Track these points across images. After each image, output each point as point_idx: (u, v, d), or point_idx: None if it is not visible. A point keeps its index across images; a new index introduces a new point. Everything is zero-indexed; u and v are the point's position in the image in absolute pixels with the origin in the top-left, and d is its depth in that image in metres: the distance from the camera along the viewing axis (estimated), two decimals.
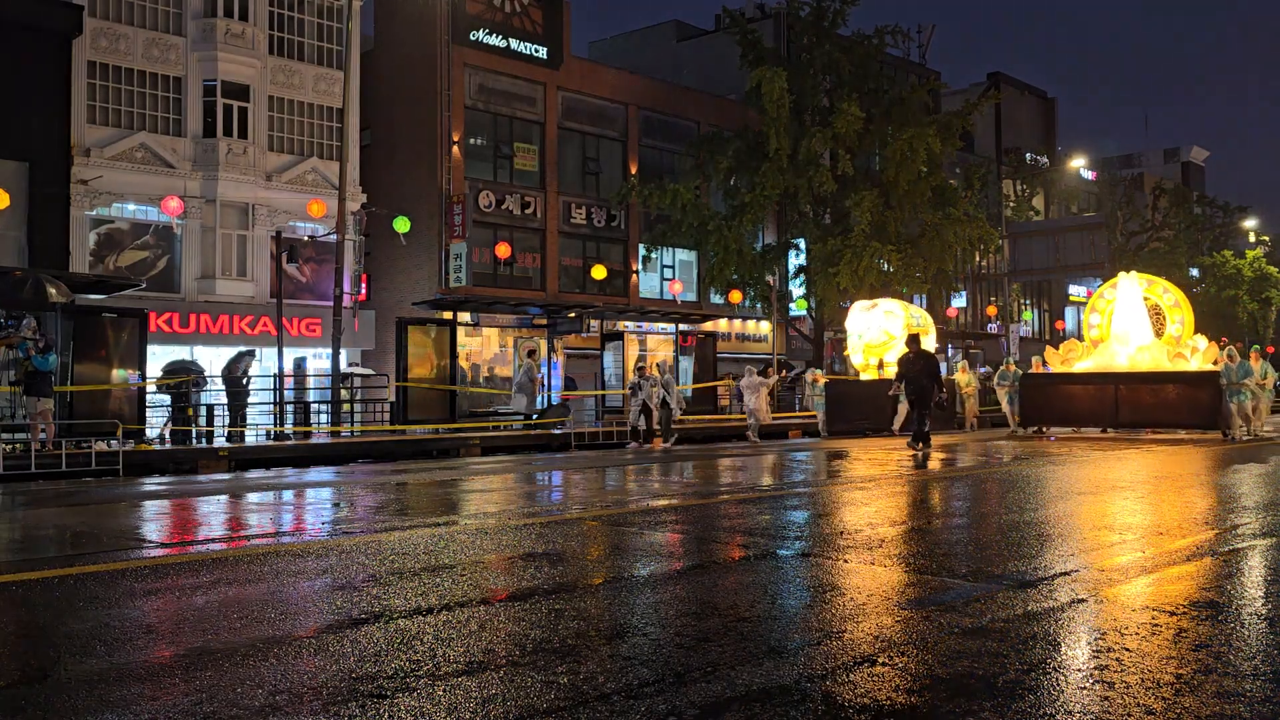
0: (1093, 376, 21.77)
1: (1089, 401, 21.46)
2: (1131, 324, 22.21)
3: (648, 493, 10.35)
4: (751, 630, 4.18)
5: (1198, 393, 19.90)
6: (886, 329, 23.88)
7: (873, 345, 23.81)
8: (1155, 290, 22.65)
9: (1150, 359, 21.46)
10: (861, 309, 24.71)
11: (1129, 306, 22.26)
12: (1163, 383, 20.64)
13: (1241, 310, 61.26)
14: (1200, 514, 8.17)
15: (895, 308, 24.62)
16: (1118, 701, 3.19)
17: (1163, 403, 20.39)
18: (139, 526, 8.40)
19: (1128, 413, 20.89)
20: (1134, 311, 22.17)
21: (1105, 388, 21.26)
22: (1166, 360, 21.25)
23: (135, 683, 3.57)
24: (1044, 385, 22.71)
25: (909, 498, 9.68)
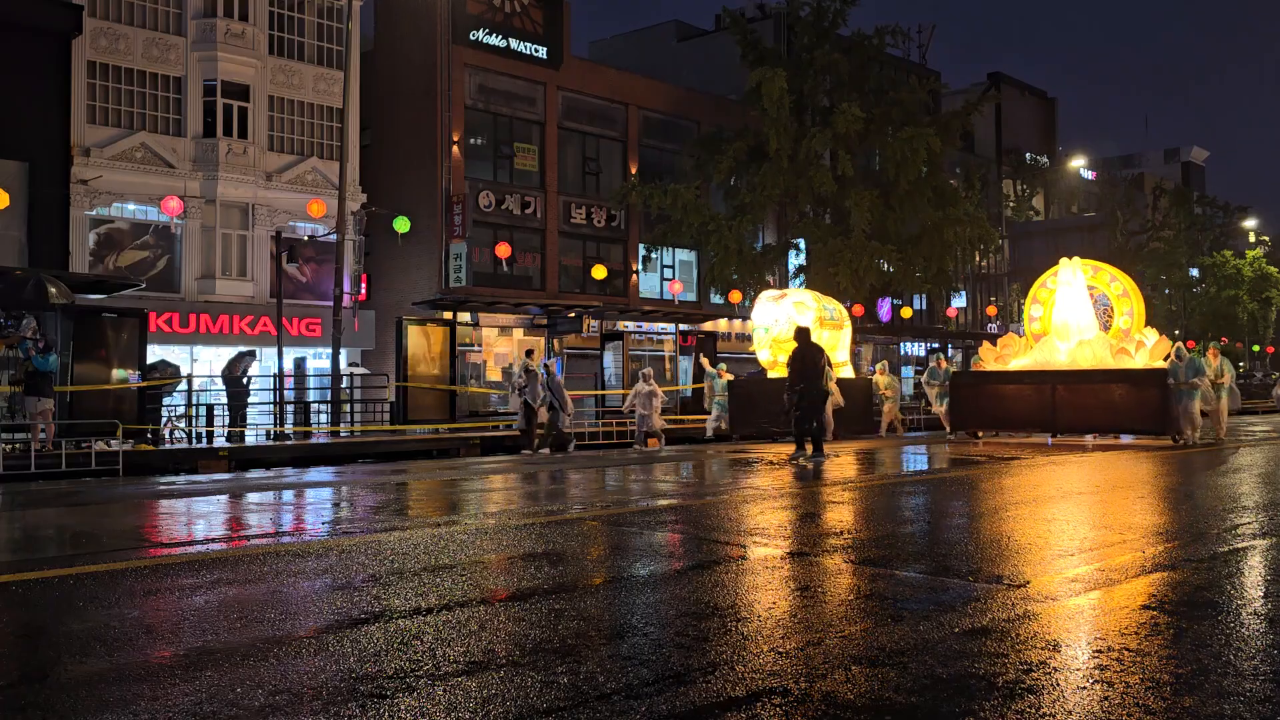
0: (1028, 375, 19.51)
1: (1025, 403, 19.20)
2: (1074, 316, 19.81)
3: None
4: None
5: (1144, 393, 17.71)
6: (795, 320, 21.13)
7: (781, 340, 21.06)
8: (1102, 279, 20.25)
9: (1092, 355, 19.21)
10: (768, 299, 22.13)
11: (1071, 296, 19.86)
12: (1105, 382, 18.41)
13: (1241, 310, 61.26)
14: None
15: (807, 299, 22.20)
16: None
17: (1106, 404, 18.17)
18: (139, 526, 8.40)
19: (1067, 415, 18.58)
20: (1077, 302, 19.79)
21: (1042, 387, 18.93)
22: (1110, 356, 19.02)
23: (135, 683, 3.57)
24: (975, 385, 20.46)
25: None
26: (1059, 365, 19.31)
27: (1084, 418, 18.49)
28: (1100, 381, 18.34)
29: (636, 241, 36.39)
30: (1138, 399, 17.72)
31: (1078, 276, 19.83)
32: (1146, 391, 17.66)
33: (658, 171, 36.35)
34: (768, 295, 22.29)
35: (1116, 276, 20.04)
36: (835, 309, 22.91)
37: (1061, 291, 20.08)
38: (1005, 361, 20.60)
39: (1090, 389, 18.36)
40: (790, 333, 20.14)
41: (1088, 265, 20.27)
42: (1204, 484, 10.55)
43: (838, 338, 21.99)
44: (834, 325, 21.99)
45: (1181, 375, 17.26)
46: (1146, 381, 17.81)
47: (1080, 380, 18.62)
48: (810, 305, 21.68)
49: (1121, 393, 17.96)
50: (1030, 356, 20.13)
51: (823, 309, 21.93)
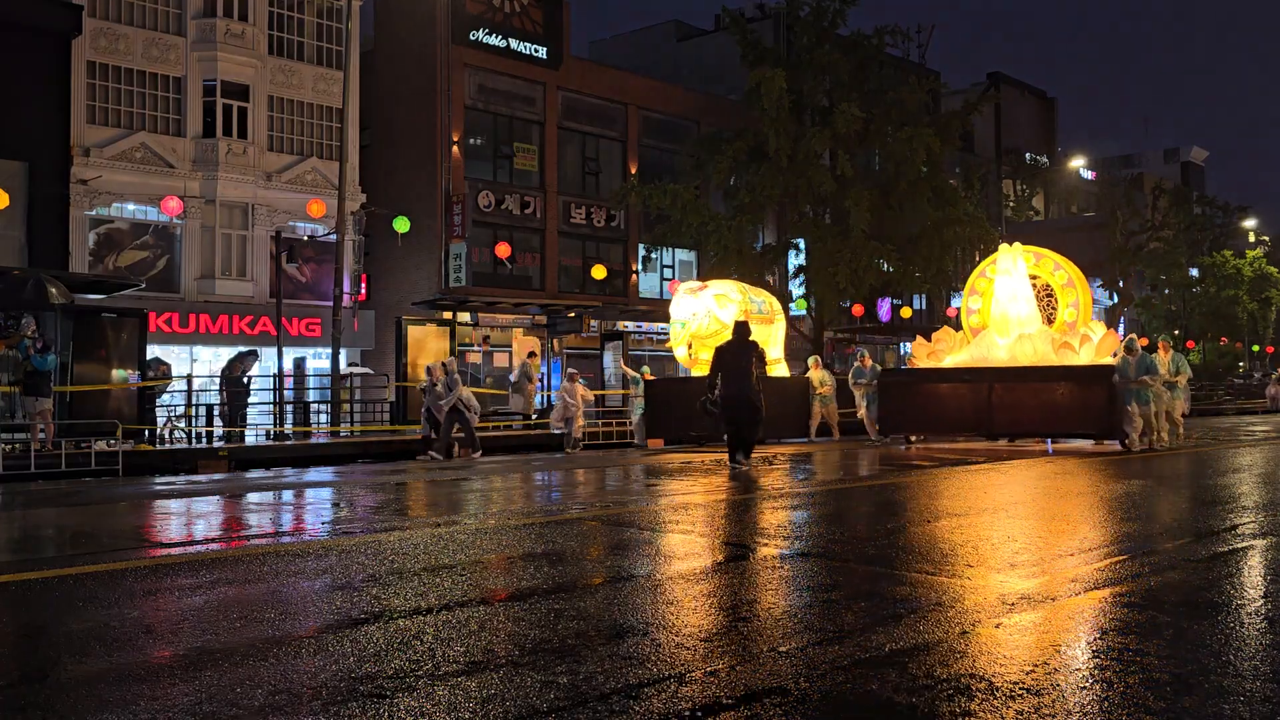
0: (962, 373, 17.65)
1: (960, 404, 17.40)
2: (1014, 307, 17.98)
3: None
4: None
5: (1088, 392, 15.90)
6: (717, 315, 19.31)
7: (700, 335, 19.30)
8: (1045, 267, 18.47)
9: (1033, 350, 17.32)
10: (686, 291, 20.21)
11: (1011, 286, 18.04)
12: (1045, 380, 16.62)
13: (1241, 310, 61.29)
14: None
15: (730, 290, 20.28)
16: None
17: (1048, 405, 16.38)
18: (139, 526, 8.40)
19: (1005, 417, 16.88)
20: (1017, 292, 17.99)
21: (978, 387, 17.10)
22: (1052, 352, 17.17)
23: (135, 683, 3.56)
24: (906, 385, 18.60)
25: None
26: (998, 362, 17.51)
27: (1023, 420, 16.83)
28: (1040, 380, 16.59)
29: (636, 241, 36.41)
30: (1082, 399, 15.94)
31: (1018, 265, 18.07)
32: (1091, 391, 15.88)
33: (658, 171, 36.36)
34: (686, 287, 20.41)
35: (1061, 264, 18.36)
36: (766, 301, 21.21)
37: (1000, 281, 18.19)
38: (939, 358, 18.62)
39: (1030, 388, 16.62)
40: (710, 328, 18.98)
41: (1030, 252, 18.62)
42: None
43: (768, 333, 20.43)
44: (763, 319, 20.36)
45: (1131, 372, 15.38)
46: (1091, 379, 16.04)
47: (1018, 378, 16.88)
48: (734, 298, 19.87)
49: (1064, 392, 16.17)
50: (967, 352, 18.25)
51: (749, 301, 20.20)
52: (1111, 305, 55.26)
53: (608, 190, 35.21)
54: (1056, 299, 18.21)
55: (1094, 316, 20.49)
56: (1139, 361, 15.45)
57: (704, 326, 19.20)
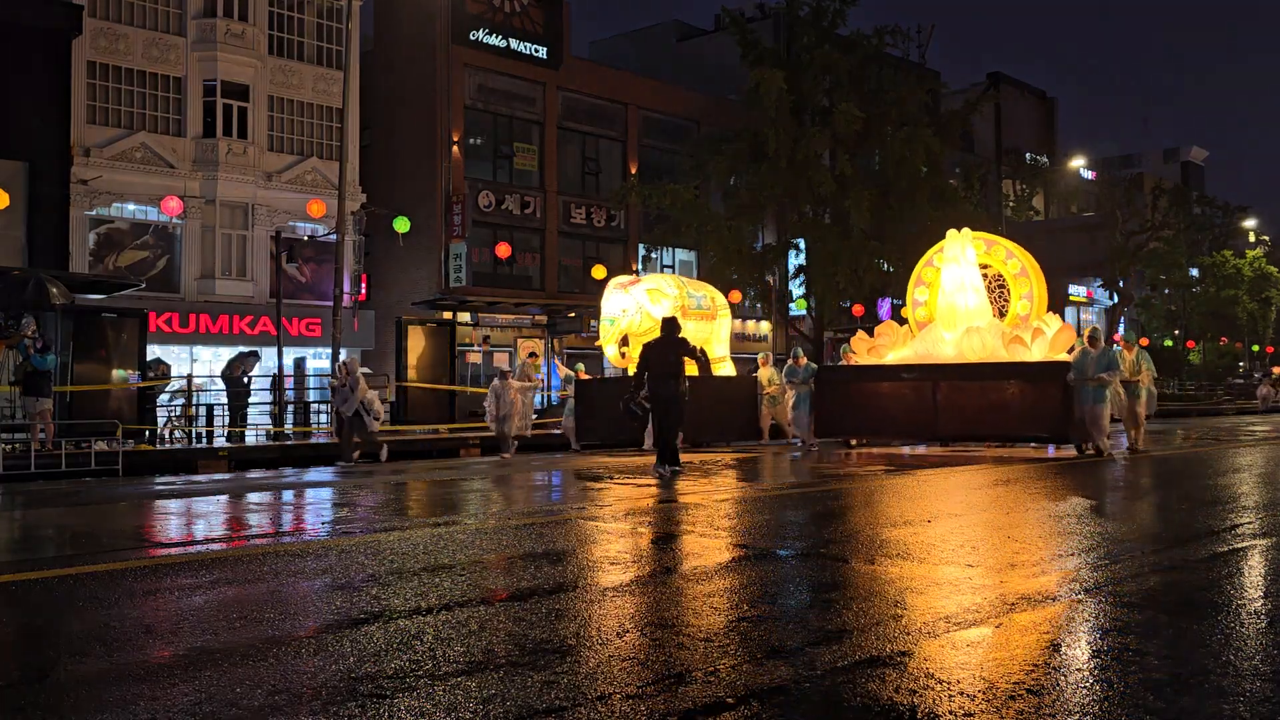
0: (905, 370, 16.26)
1: (902, 405, 15.98)
2: (961, 298, 16.53)
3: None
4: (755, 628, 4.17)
5: (1041, 391, 14.57)
6: (649, 311, 17.87)
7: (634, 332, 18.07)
8: (996, 255, 17.04)
9: (982, 345, 15.76)
10: (616, 286, 18.72)
11: (959, 276, 16.59)
12: (995, 378, 15.16)
13: (1241, 310, 61.30)
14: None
15: (665, 285, 18.95)
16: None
17: (997, 406, 14.96)
18: (139, 526, 8.40)
19: (952, 419, 15.45)
20: (966, 282, 16.55)
21: (921, 385, 15.72)
22: (1003, 347, 15.64)
23: (135, 683, 3.57)
24: (843, 384, 17.01)
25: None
26: (944, 358, 16.09)
27: (971, 422, 15.40)
28: (989, 377, 15.20)
29: (636, 241, 36.42)
30: (1034, 399, 14.62)
31: (967, 252, 16.64)
32: (1044, 390, 14.55)
33: (657, 171, 36.37)
34: (616, 281, 19.06)
35: (1014, 252, 17.01)
36: (707, 296, 19.82)
37: (948, 271, 16.74)
38: (881, 354, 17.26)
39: (978, 387, 15.23)
40: (643, 324, 17.70)
41: (980, 239, 17.24)
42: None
43: (710, 329, 19.38)
44: (703, 315, 19.13)
45: (1089, 370, 13.76)
46: (1040, 377, 14.71)
47: (965, 376, 15.46)
48: (669, 292, 18.57)
49: (1015, 391, 14.86)
50: (911, 348, 16.83)
51: (687, 297, 18.87)
52: (1111, 305, 55.27)
53: (608, 190, 35.22)
54: (1009, 290, 16.86)
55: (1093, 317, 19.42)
56: (1099, 356, 13.81)
57: (636, 323, 17.80)
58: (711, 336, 19.21)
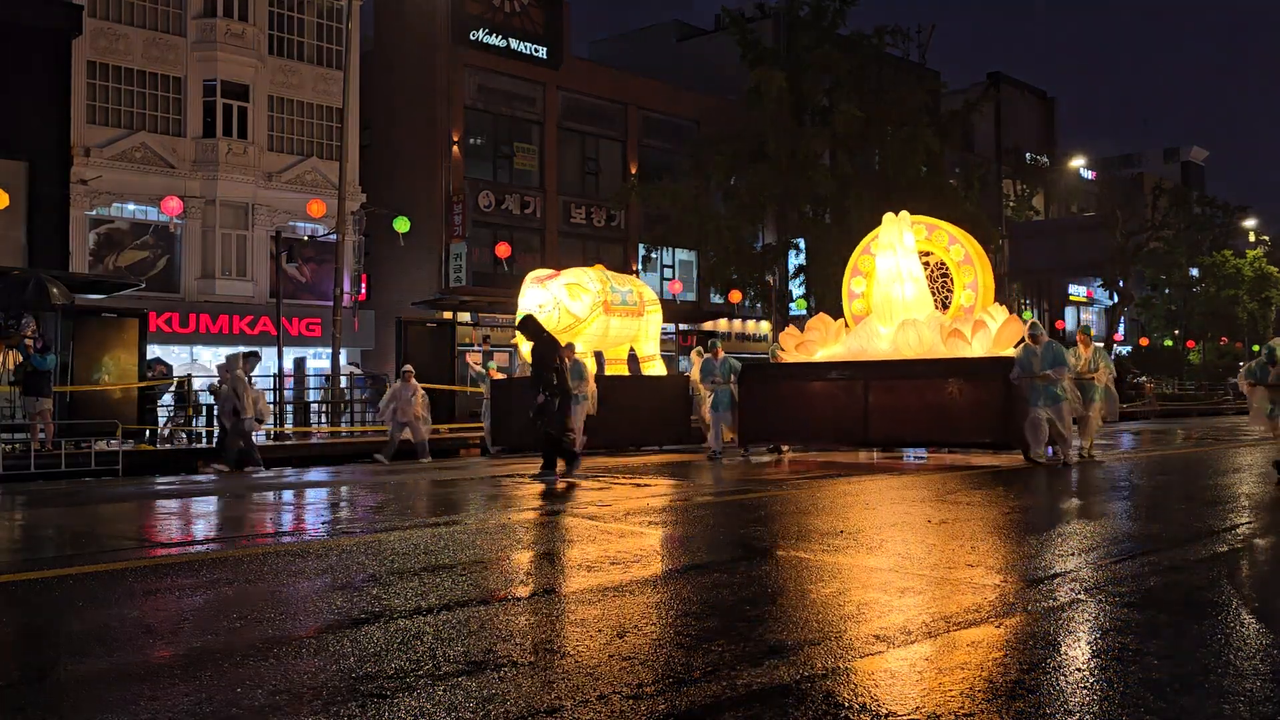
0: (833, 368, 14.69)
1: (831, 407, 14.38)
2: (897, 289, 14.97)
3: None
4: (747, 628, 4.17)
5: (981, 391, 13.06)
6: (568, 307, 16.65)
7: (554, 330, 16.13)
8: (939, 241, 15.57)
9: (918, 340, 14.20)
10: (533, 281, 17.23)
11: (895, 264, 15.06)
12: (930, 376, 13.62)
13: (1241, 310, 61.30)
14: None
15: (586, 279, 17.36)
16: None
17: (934, 407, 13.42)
18: (139, 526, 8.40)
19: (884, 423, 13.89)
20: (903, 271, 15.05)
21: (851, 385, 14.16)
22: (940, 341, 14.05)
23: (135, 683, 3.56)
24: (768, 383, 15.43)
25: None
26: (879, 354, 14.57)
27: (906, 426, 13.87)
28: (924, 376, 13.68)
29: (636, 241, 36.41)
30: (974, 400, 13.11)
31: (904, 238, 15.19)
32: (984, 390, 13.05)
33: (658, 171, 36.37)
34: (533, 275, 17.55)
35: (957, 238, 15.59)
36: (634, 291, 18.34)
37: (882, 259, 15.28)
38: (809, 350, 15.64)
39: (912, 386, 13.72)
40: (563, 321, 16.46)
41: (921, 224, 15.77)
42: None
43: (637, 327, 18.10)
44: (629, 311, 17.76)
45: (1035, 366, 12.41)
46: (983, 375, 13.19)
47: (898, 374, 13.95)
48: (590, 287, 17.13)
49: (954, 391, 13.35)
50: (844, 344, 15.32)
51: (610, 291, 17.44)
52: (1112, 305, 55.27)
53: (608, 190, 35.21)
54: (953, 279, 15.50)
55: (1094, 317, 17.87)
56: (1045, 351, 12.44)
57: (554, 320, 16.43)
58: (639, 334, 18.18)
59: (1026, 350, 12.62)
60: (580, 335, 16.74)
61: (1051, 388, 12.40)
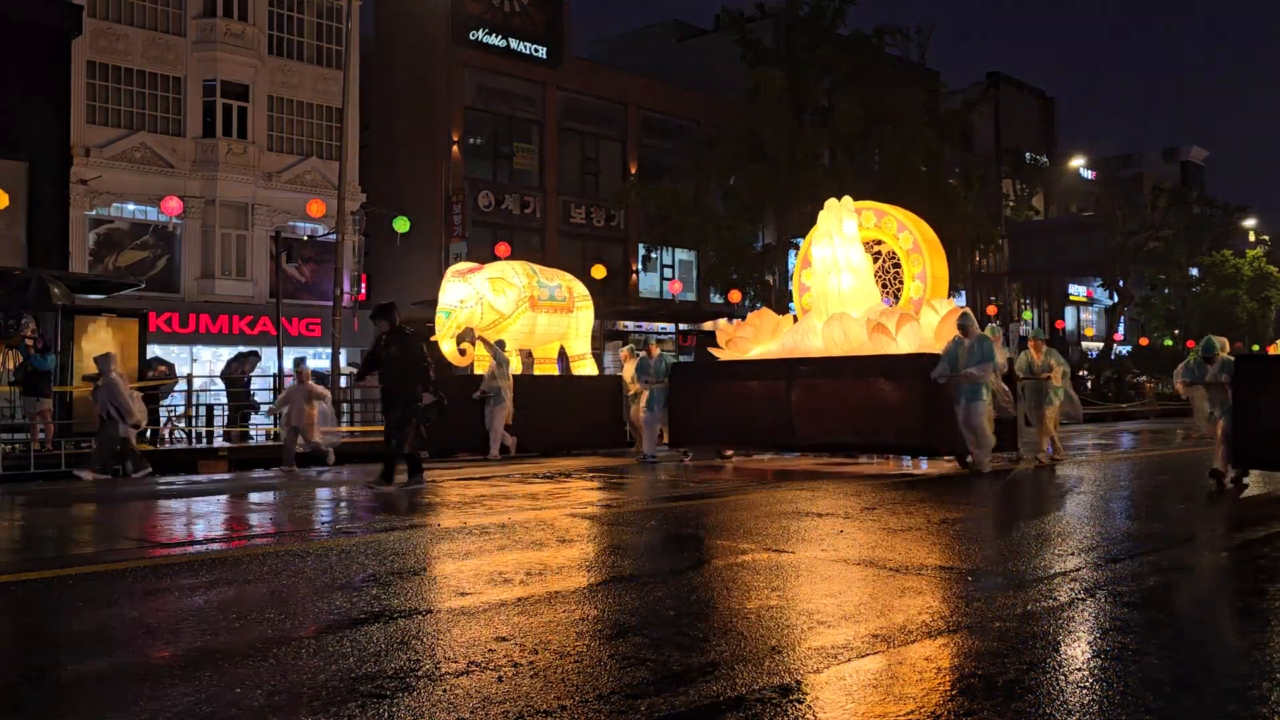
0: (758, 367, 13.81)
1: (758, 408, 13.38)
2: (834, 281, 13.91)
3: None
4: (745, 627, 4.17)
5: (904, 392, 12.11)
6: (491, 303, 15.73)
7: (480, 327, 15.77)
8: (888, 228, 14.54)
9: (844, 336, 13.13)
10: (454, 275, 16.13)
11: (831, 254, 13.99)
12: (852, 375, 12.66)
13: (1241, 310, 61.30)
14: None
15: (511, 273, 16.33)
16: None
17: (859, 409, 12.43)
18: (139, 526, 8.40)
19: (809, 426, 12.90)
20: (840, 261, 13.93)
21: (775, 385, 13.24)
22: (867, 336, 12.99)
23: (135, 683, 3.57)
24: (697, 382, 14.53)
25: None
26: (811, 351, 13.57)
27: (830, 429, 12.81)
28: (843, 374, 12.77)
29: (636, 242, 36.41)
30: (898, 401, 12.15)
31: (844, 226, 14.04)
32: (906, 390, 12.07)
33: (657, 171, 36.35)
34: (455, 270, 16.29)
35: (906, 224, 14.46)
36: (563, 286, 17.25)
37: (818, 249, 14.25)
38: (742, 347, 14.61)
39: (833, 387, 12.75)
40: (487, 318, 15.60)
41: (868, 210, 14.65)
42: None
43: (566, 324, 17.14)
44: (557, 307, 16.84)
45: (960, 362, 11.39)
46: (904, 374, 12.16)
47: (819, 373, 12.99)
48: (515, 281, 16.17)
49: (879, 392, 12.35)
50: (780, 341, 14.27)
51: (537, 286, 16.52)
52: (1111, 305, 55.26)
53: (608, 190, 35.20)
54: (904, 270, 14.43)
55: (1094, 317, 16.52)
56: (974, 346, 11.40)
57: (476, 316, 15.55)
58: (569, 331, 17.26)
59: (954, 344, 11.61)
60: (505, 332, 15.94)
61: (974, 386, 11.34)
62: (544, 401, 15.44)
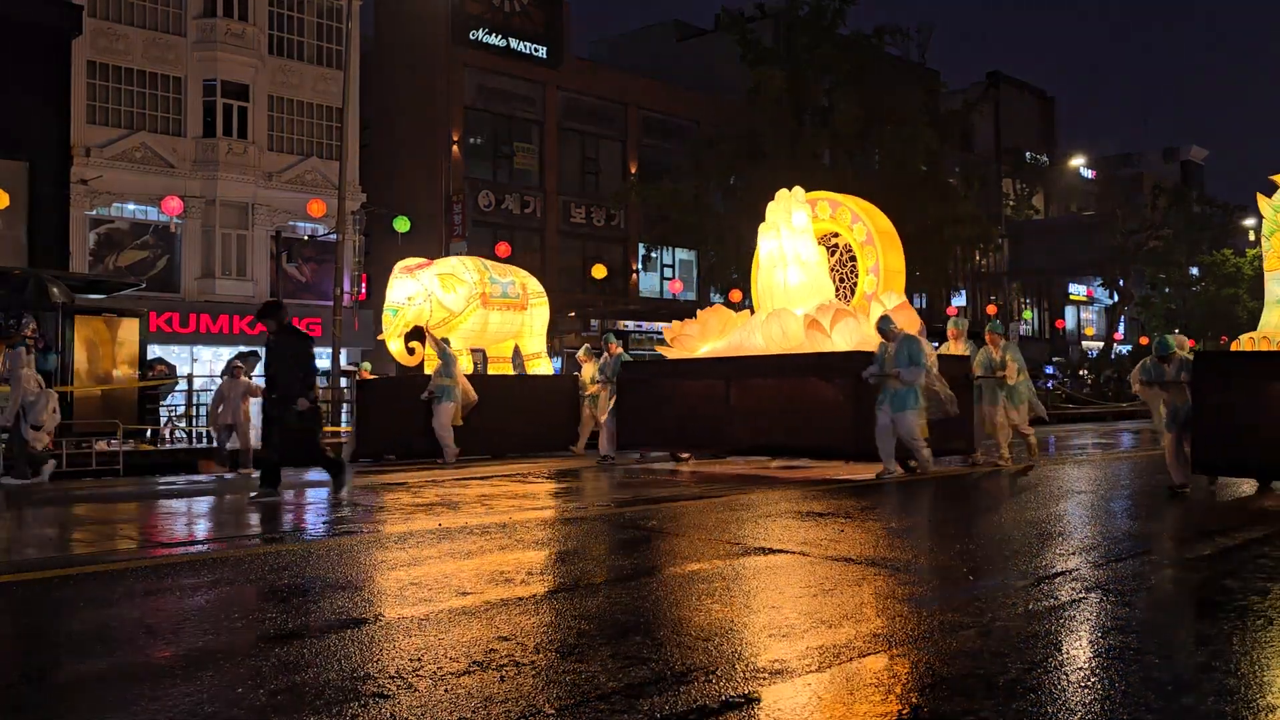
0: (701, 366, 13.30)
1: (701, 408, 12.92)
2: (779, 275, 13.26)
3: None
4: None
5: (834, 393, 11.50)
6: (440, 300, 15.21)
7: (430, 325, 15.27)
8: (843, 219, 13.76)
9: (782, 333, 12.54)
10: (402, 271, 15.60)
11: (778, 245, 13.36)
12: (782, 374, 12.11)
13: (1241, 309, 61.27)
14: None
15: (462, 269, 15.82)
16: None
17: (790, 410, 11.85)
18: (139, 526, 8.40)
19: (745, 428, 12.35)
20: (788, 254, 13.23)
21: (713, 385, 12.83)
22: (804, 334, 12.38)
23: (135, 683, 3.57)
24: (644, 383, 14.03)
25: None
26: (754, 349, 12.91)
27: (765, 431, 12.20)
28: (777, 374, 12.19)
29: (636, 241, 36.41)
30: (829, 402, 11.55)
31: (795, 217, 13.25)
32: (837, 390, 11.47)
33: (657, 171, 36.36)
34: (403, 265, 15.75)
35: (860, 215, 13.67)
36: (516, 282, 16.57)
37: (765, 241, 13.56)
38: (688, 346, 13.98)
39: (768, 386, 12.21)
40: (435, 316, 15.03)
41: (823, 201, 13.89)
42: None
43: (520, 322, 16.60)
44: (510, 305, 16.27)
45: (888, 363, 10.75)
46: (836, 373, 11.49)
47: (754, 372, 12.47)
48: (465, 278, 15.54)
49: (811, 392, 11.73)
50: (727, 339, 13.56)
51: (489, 283, 15.89)
52: (1111, 304, 55.25)
53: (608, 190, 35.21)
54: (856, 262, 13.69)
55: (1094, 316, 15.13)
56: (900, 348, 10.76)
57: (425, 313, 15.10)
58: (523, 329, 16.72)
59: (880, 347, 11.01)
60: (456, 331, 15.43)
61: (901, 391, 10.68)
62: (495, 402, 14.85)
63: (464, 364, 14.89)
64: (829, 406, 11.53)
